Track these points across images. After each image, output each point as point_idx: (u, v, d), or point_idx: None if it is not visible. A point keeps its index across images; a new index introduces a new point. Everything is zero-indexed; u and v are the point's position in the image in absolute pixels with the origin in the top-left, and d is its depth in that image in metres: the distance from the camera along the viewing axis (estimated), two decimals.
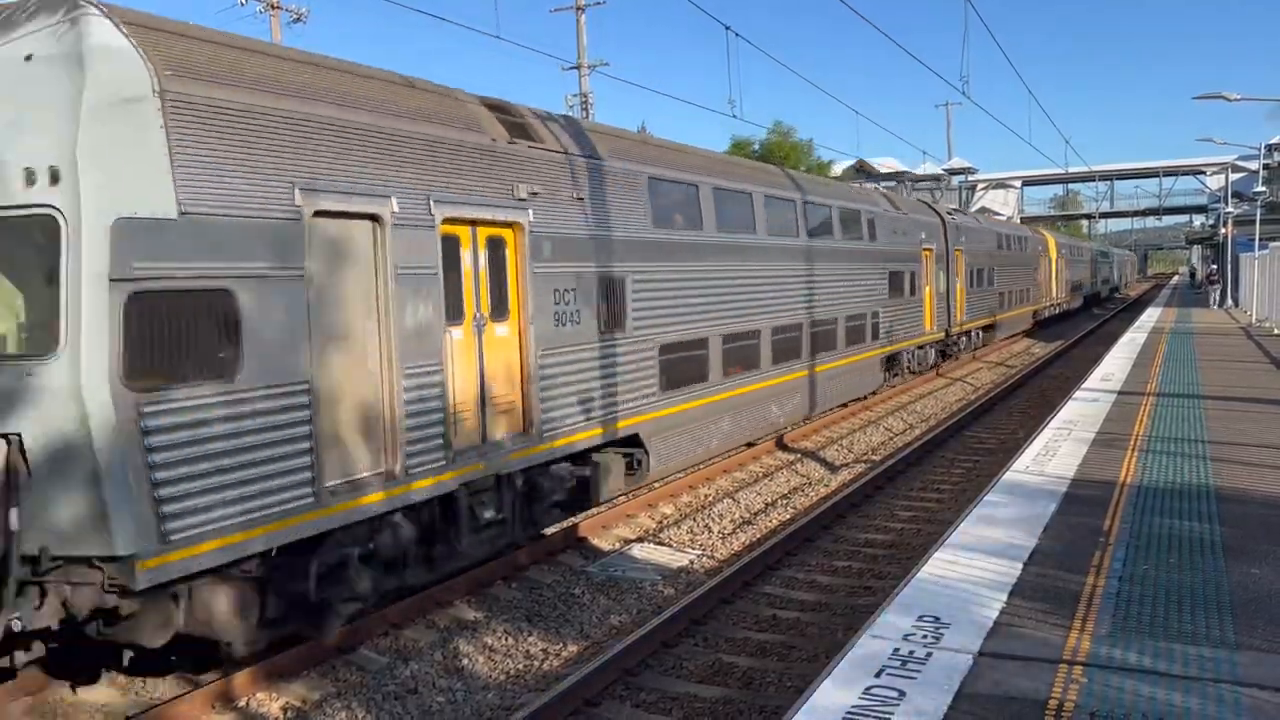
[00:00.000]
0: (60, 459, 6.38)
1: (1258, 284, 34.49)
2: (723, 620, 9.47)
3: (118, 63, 6.70)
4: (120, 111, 6.63)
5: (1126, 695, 4.92)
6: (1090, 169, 66.23)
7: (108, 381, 6.35)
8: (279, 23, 29.35)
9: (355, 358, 8.14)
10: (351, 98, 8.49)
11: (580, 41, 33.79)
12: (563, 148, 11.24)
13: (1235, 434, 11.97)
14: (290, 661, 8.23)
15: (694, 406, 13.62)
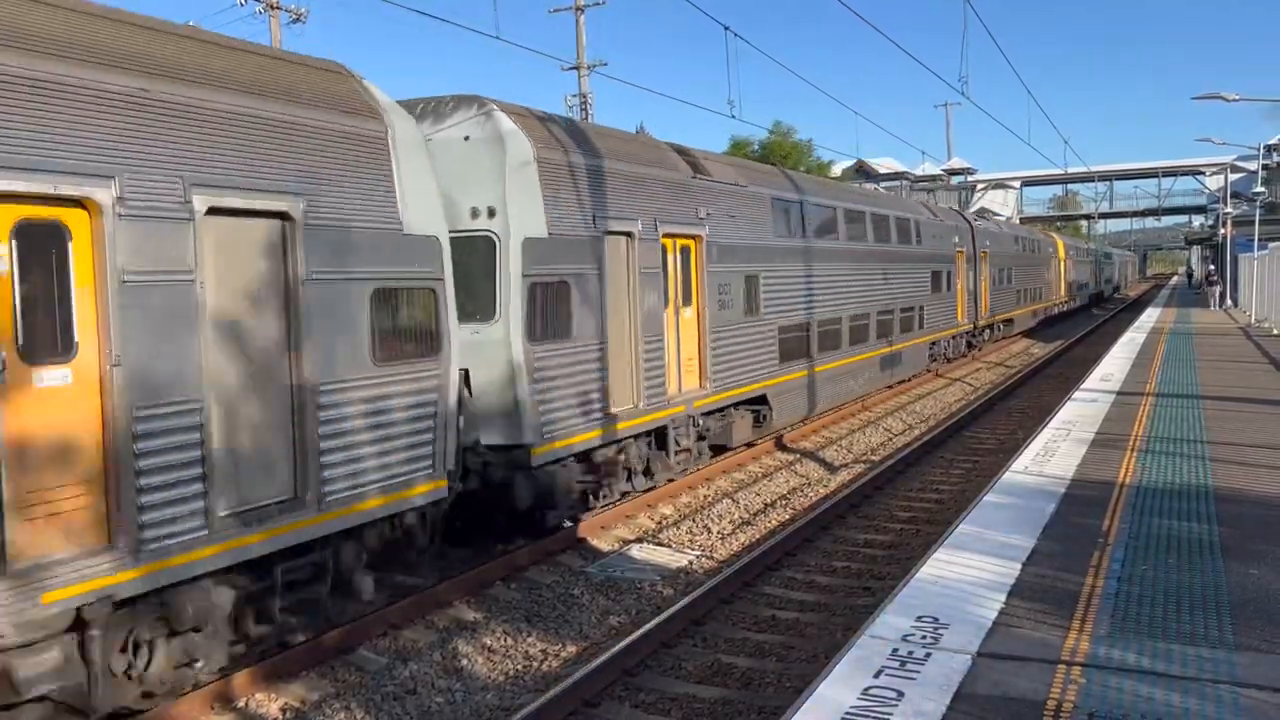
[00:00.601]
0: (493, 386, 10.34)
1: (1257, 284, 34.51)
2: (722, 621, 9.47)
3: (517, 141, 10.67)
4: (521, 171, 10.60)
5: (1125, 696, 4.92)
6: (1089, 169, 66.31)
7: (522, 338, 10.40)
8: (278, 23, 29.37)
9: (621, 327, 12.21)
10: (600, 151, 12.14)
11: (580, 42, 33.82)
12: (720, 179, 14.93)
13: (1234, 434, 11.97)
14: (289, 662, 8.23)
15: (800, 376, 17.32)
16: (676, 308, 13.41)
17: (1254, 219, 40.12)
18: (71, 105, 6.32)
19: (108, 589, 6.34)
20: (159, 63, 7.03)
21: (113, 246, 6.45)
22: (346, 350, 8.17)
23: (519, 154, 10.61)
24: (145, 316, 6.64)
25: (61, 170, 6.19)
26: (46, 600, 6.03)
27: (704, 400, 14.04)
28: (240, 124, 7.41)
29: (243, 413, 7.41)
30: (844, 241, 19.52)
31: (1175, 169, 68.90)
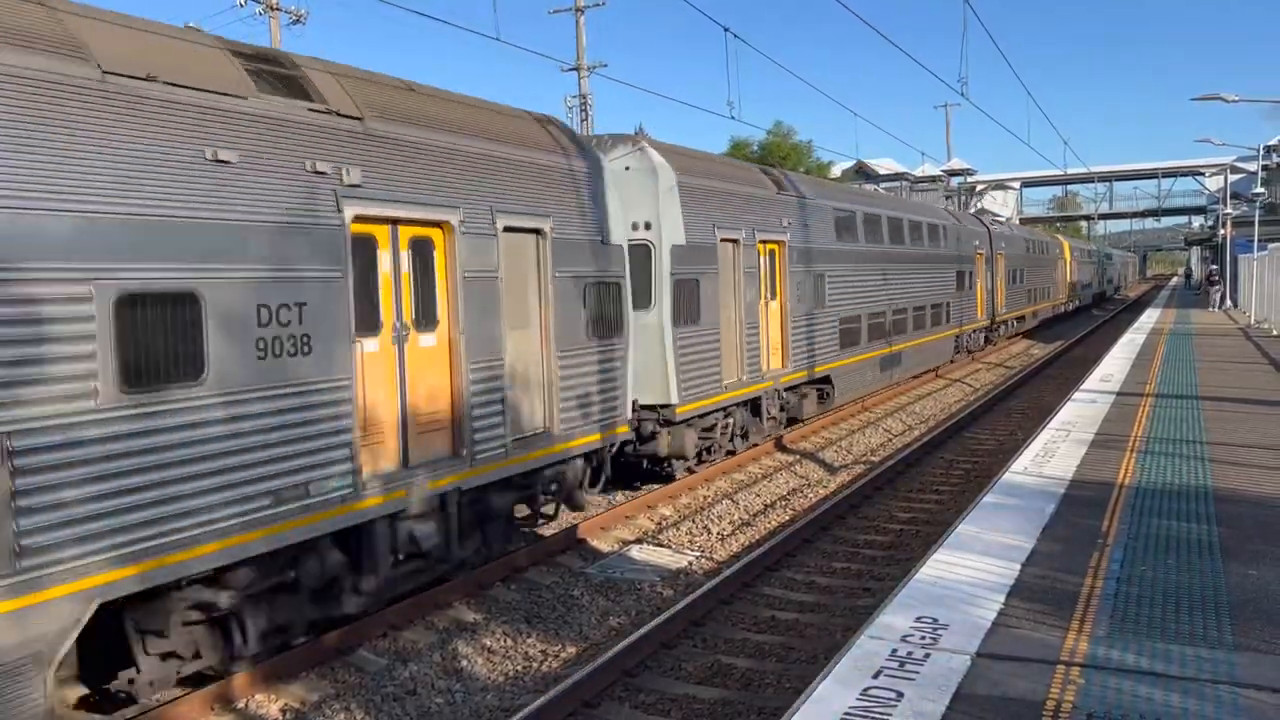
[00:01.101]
0: (649, 358, 13.33)
1: (1256, 285, 34.52)
2: (721, 621, 9.48)
3: (665, 171, 13.78)
4: (668, 194, 13.71)
5: (1124, 696, 4.92)
6: (1089, 170, 66.34)
7: (669, 322, 13.57)
8: (278, 25, 29.38)
9: (730, 315, 15.26)
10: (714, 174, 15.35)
11: (579, 43, 33.83)
12: (796, 193, 17.93)
13: (1233, 435, 11.98)
14: (289, 663, 8.24)
15: (854, 361, 20.14)
16: (766, 300, 16.56)
17: (1254, 220, 40.13)
18: (438, 162, 9.31)
19: (458, 483, 9.55)
20: (475, 129, 10.03)
21: (458, 253, 9.44)
22: (572, 328, 11.21)
23: (667, 180, 13.79)
24: (475, 301, 9.64)
25: (433, 204, 9.17)
26: (431, 486, 9.16)
27: (786, 378, 17.23)
28: (518, 169, 10.43)
29: (519, 369, 10.37)
30: (887, 245, 22.41)
31: (1175, 170, 68.94)
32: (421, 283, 9.20)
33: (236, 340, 7.20)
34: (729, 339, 15.11)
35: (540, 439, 10.71)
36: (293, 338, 7.64)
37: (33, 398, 5.98)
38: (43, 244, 6.06)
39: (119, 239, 6.50)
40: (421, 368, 9.19)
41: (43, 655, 6.02)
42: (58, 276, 6.15)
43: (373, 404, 8.61)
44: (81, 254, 6.27)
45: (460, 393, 9.49)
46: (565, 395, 11.05)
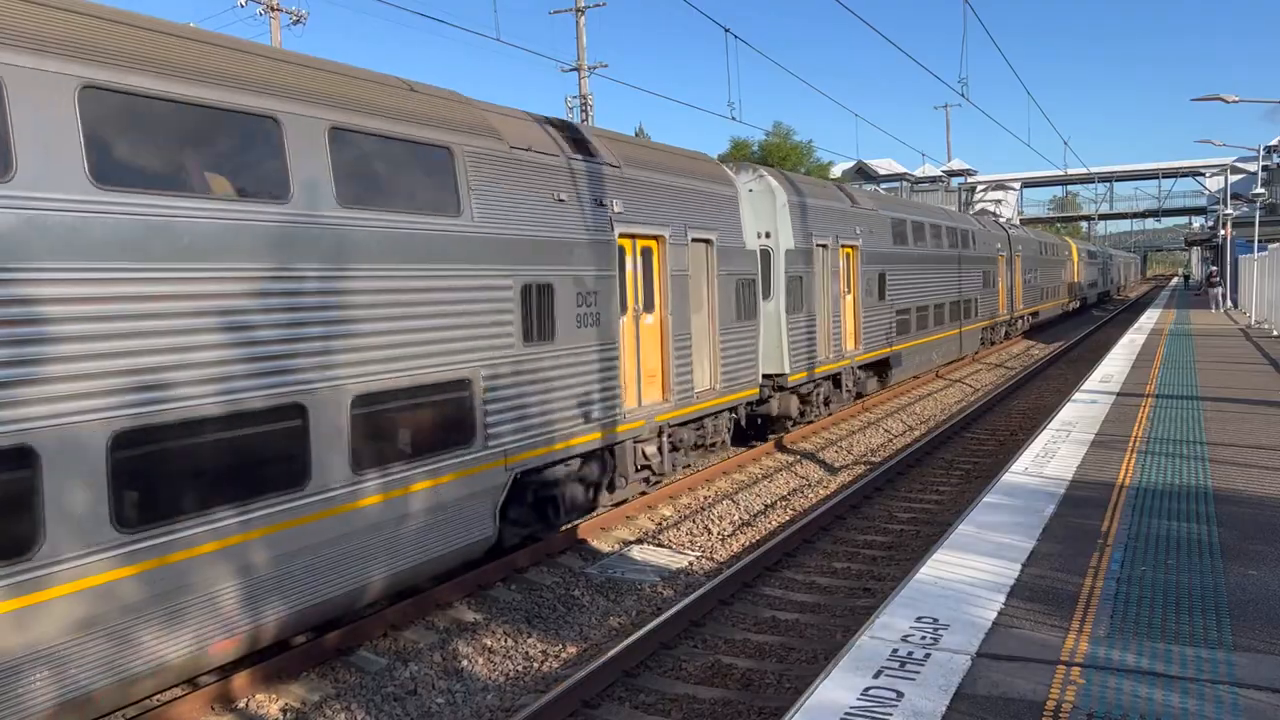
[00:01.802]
0: (769, 337, 16.75)
1: (1257, 285, 34.52)
2: (722, 621, 9.48)
3: (779, 191, 17.36)
4: (782, 209, 17.25)
5: (1124, 696, 4.93)
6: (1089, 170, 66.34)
7: (784, 310, 17.04)
8: (278, 25, 29.38)
9: (821, 305, 18.60)
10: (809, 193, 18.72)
11: (580, 43, 33.82)
12: (865, 206, 21.65)
13: (1234, 436, 11.98)
14: (289, 662, 8.24)
15: (906, 346, 23.92)
16: (844, 294, 20.11)
17: (1254, 220, 40.13)
18: (657, 194, 13.15)
19: (666, 420, 13.36)
20: (674, 169, 13.92)
21: (668, 258, 13.21)
22: (728, 312, 14.94)
23: (780, 199, 17.53)
24: (677, 292, 13.47)
25: (654, 224, 12.92)
26: (658, 420, 13.17)
27: (859, 358, 20.88)
28: (697, 196, 14.28)
29: (698, 342, 14.19)
30: (930, 248, 26.08)
31: (1175, 170, 68.94)
32: (645, 279, 12.97)
33: (569, 315, 11.06)
34: (822, 325, 18.86)
35: (708, 393, 14.51)
36: (593, 314, 11.53)
37: (489, 346, 9.85)
38: (494, 253, 9.92)
39: (522, 251, 10.29)
40: (646, 338, 13.08)
41: (496, 500, 9.94)
42: (501, 274, 10.02)
43: (623, 361, 12.30)
44: (509, 260, 10.12)
45: (668, 356, 13.42)
46: (724, 362, 14.94)
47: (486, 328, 9.73)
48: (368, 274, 8.44)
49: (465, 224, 9.58)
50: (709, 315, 14.57)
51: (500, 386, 9.92)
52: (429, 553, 9.06)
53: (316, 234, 7.98)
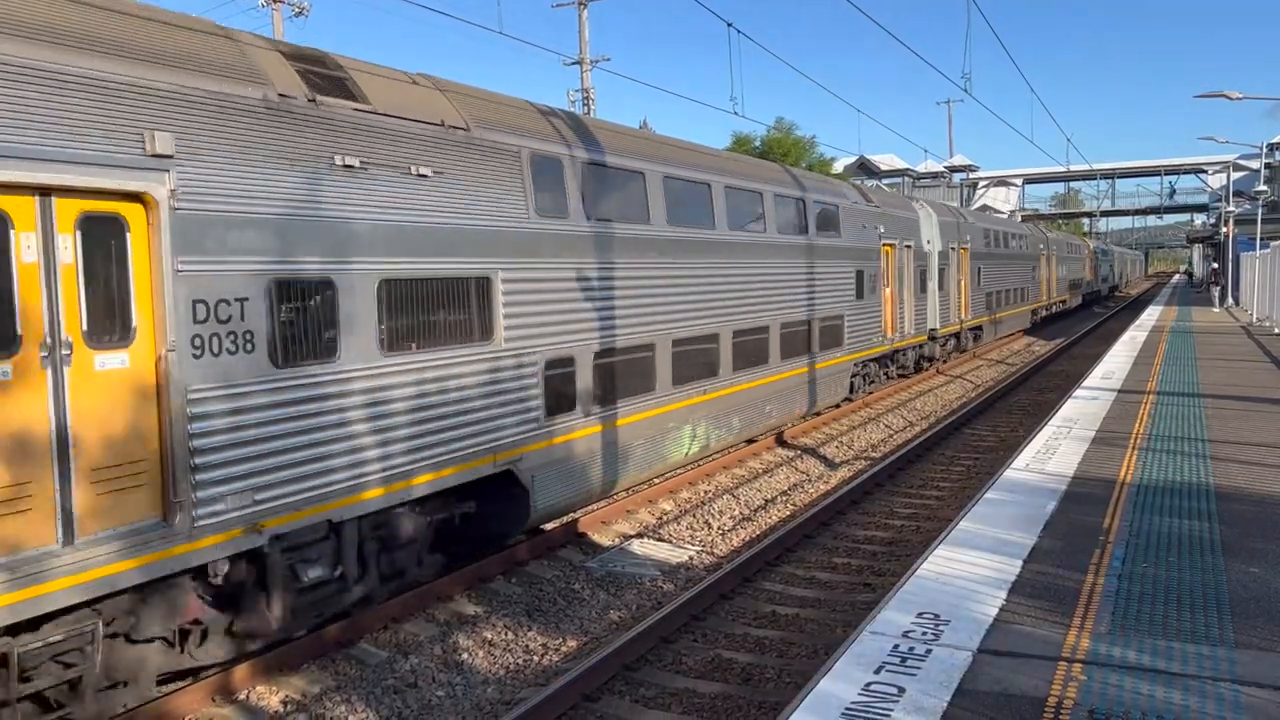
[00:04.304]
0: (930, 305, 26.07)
1: (1258, 283, 34.48)
2: (722, 616, 9.48)
3: (934, 214, 26.60)
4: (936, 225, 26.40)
5: (1125, 693, 4.93)
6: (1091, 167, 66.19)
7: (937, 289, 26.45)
8: (280, 17, 29.32)
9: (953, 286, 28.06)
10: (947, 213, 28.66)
11: (582, 37, 33.75)
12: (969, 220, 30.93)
13: (1235, 433, 11.98)
14: (290, 655, 8.25)
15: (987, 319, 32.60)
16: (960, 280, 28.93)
17: (1256, 217, 40.06)
18: (901, 221, 23.46)
19: (883, 351, 22.69)
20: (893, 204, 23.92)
21: (898, 256, 23.35)
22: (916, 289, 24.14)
23: (935, 220, 26.20)
24: (897, 276, 23.41)
25: (891, 239, 22.62)
26: (871, 353, 21.81)
27: (968, 323, 30.26)
28: (905, 220, 23.71)
29: (905, 305, 23.38)
30: (1001, 249, 35.28)
31: (1178, 167, 68.74)
32: (889, 269, 22.20)
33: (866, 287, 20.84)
34: (953, 299, 27.93)
35: (906, 335, 23.85)
36: (874, 287, 20.91)
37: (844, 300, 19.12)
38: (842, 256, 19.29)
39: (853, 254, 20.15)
40: (888, 301, 22.33)
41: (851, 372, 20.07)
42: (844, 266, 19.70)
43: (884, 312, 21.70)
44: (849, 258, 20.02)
45: (895, 312, 22.49)
46: (916, 318, 24.29)
47: (844, 292, 19.48)
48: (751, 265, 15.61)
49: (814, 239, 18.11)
50: (909, 290, 24.05)
51: (846, 317, 19.72)
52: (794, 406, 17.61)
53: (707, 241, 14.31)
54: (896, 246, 22.99)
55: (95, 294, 6.58)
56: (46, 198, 6.35)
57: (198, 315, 7.10)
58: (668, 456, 13.34)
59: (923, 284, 25.05)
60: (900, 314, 23.46)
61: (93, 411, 6.55)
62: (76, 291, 6.49)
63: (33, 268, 6.27)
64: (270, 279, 7.60)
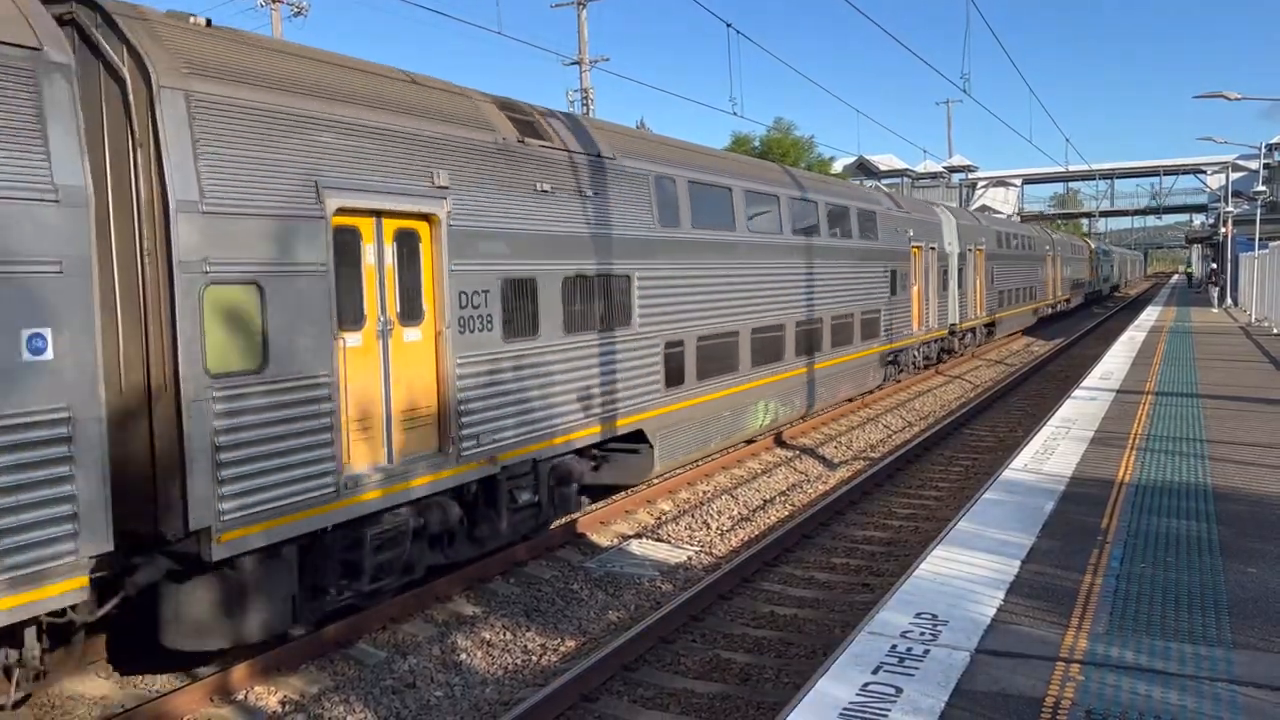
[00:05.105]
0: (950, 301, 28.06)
1: (1257, 283, 34.50)
2: (721, 616, 9.49)
3: (953, 218, 28.86)
4: (954, 229, 28.24)
5: (1123, 693, 4.93)
6: (1090, 167, 66.23)
7: (956, 286, 28.61)
8: (279, 17, 29.32)
9: (970, 285, 29.92)
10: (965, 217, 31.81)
11: (581, 37, 33.76)
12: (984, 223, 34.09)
13: (1233, 433, 11.98)
14: (288, 655, 8.25)
15: (1003, 315, 35.15)
16: (977, 278, 30.44)
17: (1255, 218, 40.08)
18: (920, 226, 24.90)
19: (922, 339, 26.10)
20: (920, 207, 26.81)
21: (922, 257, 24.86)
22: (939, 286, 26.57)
23: (954, 223, 28.17)
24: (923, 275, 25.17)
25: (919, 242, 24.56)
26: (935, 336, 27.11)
27: (983, 319, 31.95)
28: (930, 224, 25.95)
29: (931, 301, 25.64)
30: (1012, 249, 37.10)
31: (1176, 167, 68.77)
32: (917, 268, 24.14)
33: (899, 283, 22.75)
34: (970, 296, 29.59)
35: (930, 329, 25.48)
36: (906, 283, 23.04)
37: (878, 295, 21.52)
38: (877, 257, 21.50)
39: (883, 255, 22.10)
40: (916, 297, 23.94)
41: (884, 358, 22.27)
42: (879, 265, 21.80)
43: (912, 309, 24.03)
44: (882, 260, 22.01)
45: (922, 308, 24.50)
46: (938, 314, 26.16)
47: (881, 289, 21.55)
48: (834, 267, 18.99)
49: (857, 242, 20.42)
50: (933, 288, 25.73)
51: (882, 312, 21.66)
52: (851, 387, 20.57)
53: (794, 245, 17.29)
54: (923, 248, 24.82)
55: (404, 287, 8.99)
56: (378, 219, 8.66)
57: (461, 303, 9.48)
58: (746, 427, 15.74)
59: (944, 282, 26.95)
60: (926, 310, 25.22)
61: (402, 372, 8.94)
62: (394, 285, 8.86)
63: (371, 269, 8.63)
64: (501, 276, 10.05)
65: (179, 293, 6.95)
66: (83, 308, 6.39)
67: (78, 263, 6.36)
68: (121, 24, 7.12)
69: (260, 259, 7.48)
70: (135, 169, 6.99)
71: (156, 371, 7.02)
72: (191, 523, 7.01)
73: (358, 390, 8.40)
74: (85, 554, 6.39)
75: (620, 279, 12.09)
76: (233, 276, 7.29)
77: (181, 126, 7.05)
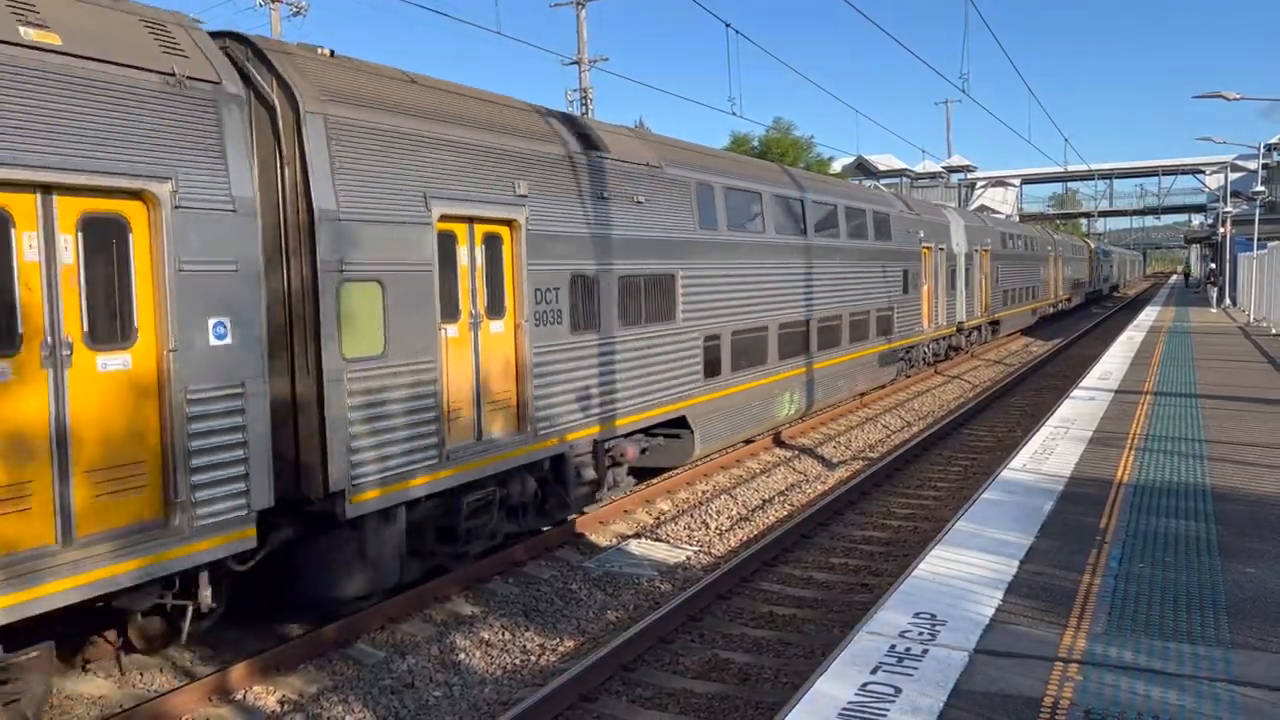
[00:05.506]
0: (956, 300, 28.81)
1: (1255, 283, 34.51)
2: (720, 616, 9.48)
3: (961, 219, 30.01)
4: (962, 230, 29.43)
5: (1121, 693, 4.93)
6: (1089, 167, 66.25)
7: (963, 286, 29.69)
8: (278, 16, 29.31)
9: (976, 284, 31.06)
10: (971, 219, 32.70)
11: (580, 36, 33.74)
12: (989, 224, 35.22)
13: (1232, 433, 11.99)
14: (287, 655, 8.25)
15: (1007, 314, 36.15)
16: (981, 278, 31.45)
17: (1253, 218, 40.09)
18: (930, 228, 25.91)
19: (933, 336, 27.34)
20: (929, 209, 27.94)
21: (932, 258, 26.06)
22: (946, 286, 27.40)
23: (961, 224, 29.12)
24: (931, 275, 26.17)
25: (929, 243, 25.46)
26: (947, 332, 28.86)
27: (988, 317, 33.06)
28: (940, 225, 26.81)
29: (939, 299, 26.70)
30: (1015, 250, 38.19)
31: (1175, 168, 68.77)
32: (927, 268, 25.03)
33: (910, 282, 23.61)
34: (977, 295, 30.61)
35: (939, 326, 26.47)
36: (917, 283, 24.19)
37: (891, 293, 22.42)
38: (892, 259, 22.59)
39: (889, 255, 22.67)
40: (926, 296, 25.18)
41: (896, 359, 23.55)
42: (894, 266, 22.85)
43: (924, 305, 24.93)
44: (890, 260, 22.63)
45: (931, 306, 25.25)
46: (946, 311, 26.95)
47: (894, 288, 22.41)
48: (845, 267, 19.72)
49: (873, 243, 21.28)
50: (942, 287, 26.63)
51: (896, 310, 22.52)
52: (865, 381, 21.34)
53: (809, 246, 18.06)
54: (933, 249, 25.77)
55: (490, 285, 10.09)
56: (471, 224, 9.79)
57: (536, 299, 10.51)
58: (775, 416, 16.78)
59: (952, 282, 27.94)
60: (935, 308, 26.28)
61: (489, 360, 10.03)
62: (483, 283, 9.97)
63: (465, 268, 9.71)
64: (568, 275, 11.09)
65: (321, 289, 8.06)
66: (253, 301, 7.52)
67: (249, 262, 7.50)
68: (271, 57, 8.23)
69: (382, 260, 8.61)
70: (283, 183, 8.10)
71: (300, 356, 8.14)
72: (331, 485, 8.11)
73: (454, 375, 9.57)
74: (254, 508, 7.51)
75: (666, 277, 13.24)
76: (361, 275, 8.42)
77: (321, 146, 8.18)
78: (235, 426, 7.37)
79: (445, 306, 9.39)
